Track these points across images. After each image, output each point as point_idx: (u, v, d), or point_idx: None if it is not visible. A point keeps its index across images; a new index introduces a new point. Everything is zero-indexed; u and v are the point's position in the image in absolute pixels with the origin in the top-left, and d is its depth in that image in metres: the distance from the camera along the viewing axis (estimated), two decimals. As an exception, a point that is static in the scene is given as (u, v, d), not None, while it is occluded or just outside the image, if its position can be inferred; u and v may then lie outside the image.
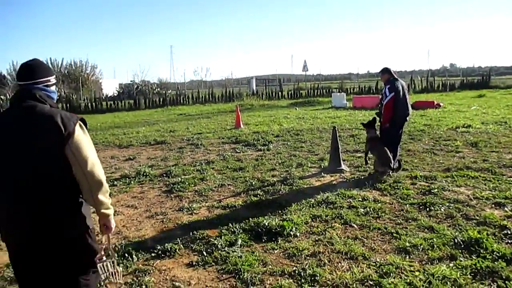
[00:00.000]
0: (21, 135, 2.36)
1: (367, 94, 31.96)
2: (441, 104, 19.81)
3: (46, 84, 2.57)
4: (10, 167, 2.37)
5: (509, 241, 4.34)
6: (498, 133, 11.17)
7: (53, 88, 2.65)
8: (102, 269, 2.77)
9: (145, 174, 8.14)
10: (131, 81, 44.37)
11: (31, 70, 2.54)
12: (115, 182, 7.71)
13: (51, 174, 2.39)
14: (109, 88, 43.93)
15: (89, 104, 31.94)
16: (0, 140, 2.39)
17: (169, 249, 4.49)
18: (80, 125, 2.49)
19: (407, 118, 7.63)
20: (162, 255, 4.43)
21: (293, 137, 12.09)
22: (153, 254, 4.44)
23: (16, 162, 2.36)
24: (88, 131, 2.57)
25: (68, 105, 31.13)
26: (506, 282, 3.52)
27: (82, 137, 2.45)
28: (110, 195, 2.60)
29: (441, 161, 8.21)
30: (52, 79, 2.64)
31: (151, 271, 4.07)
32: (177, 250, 4.49)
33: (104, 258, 2.81)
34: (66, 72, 52.08)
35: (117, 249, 4.45)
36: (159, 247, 4.54)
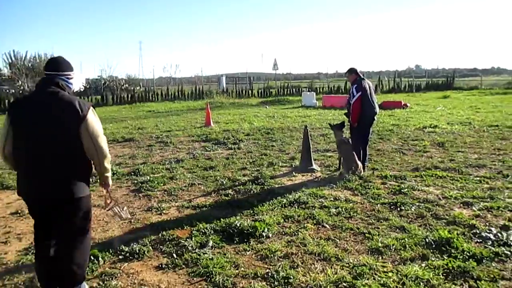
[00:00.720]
0: (46, 114, 3.00)
1: (336, 93, 32.34)
2: (408, 104, 20.22)
3: (67, 76, 3.22)
4: (37, 137, 3.00)
5: (479, 241, 4.39)
6: (464, 133, 11.45)
7: (71, 81, 3.25)
8: (114, 212, 3.87)
9: (112, 172, 7.87)
10: (98, 76, 43.17)
11: (57, 64, 3.21)
12: (81, 181, 7.42)
13: (67, 146, 3.05)
14: (75, 83, 42.51)
15: (54, 99, 30.91)
16: (31, 115, 3.01)
17: (137, 251, 4.32)
18: (92, 109, 3.16)
19: (375, 117, 7.70)
20: (130, 257, 4.25)
21: (264, 136, 12.04)
22: (120, 257, 4.26)
23: (42, 133, 2.99)
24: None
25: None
26: (477, 282, 3.55)
27: (94, 119, 3.14)
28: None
29: (409, 160, 8.32)
30: (72, 74, 3.28)
31: (118, 275, 3.89)
32: (145, 252, 4.32)
33: (111, 205, 3.75)
34: (30, 65, 50.27)
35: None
36: (126, 249, 4.36)
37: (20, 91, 33.85)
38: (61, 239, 3.17)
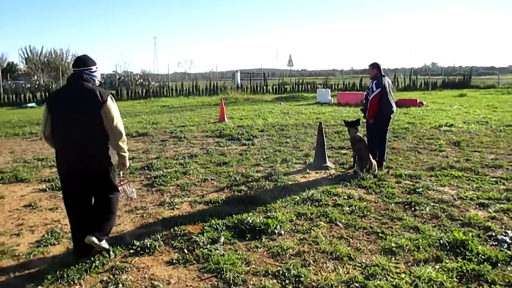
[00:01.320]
0: (75, 102, 3.86)
1: (351, 90, 32.12)
2: (424, 102, 19.97)
3: (90, 70, 4.04)
4: (69, 120, 3.84)
5: (494, 243, 4.30)
6: (480, 132, 11.26)
7: (94, 73, 4.08)
8: (124, 188, 4.63)
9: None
10: (113, 71, 43.45)
11: (82, 61, 4.06)
12: (94, 175, 7.47)
13: (92, 126, 3.86)
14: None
15: (70, 94, 31.26)
16: (63, 103, 3.89)
17: (148, 245, 4.33)
18: (111, 97, 3.98)
19: (391, 116, 7.60)
20: (141, 252, 4.26)
21: (278, 132, 12.00)
22: (131, 251, 4.27)
23: (72, 117, 3.84)
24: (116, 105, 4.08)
25: (47, 94, 30.37)
26: (492, 286, 3.47)
27: (112, 104, 3.94)
28: (126, 143, 4.14)
29: (425, 159, 8.21)
30: (94, 68, 4.09)
31: (129, 269, 3.90)
32: (157, 247, 4.33)
33: (123, 183, 4.58)
34: (45, 60, 50.85)
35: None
36: (138, 244, 4.37)
37: (36, 86, 34.23)
38: (97, 196, 4.10)
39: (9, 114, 21.48)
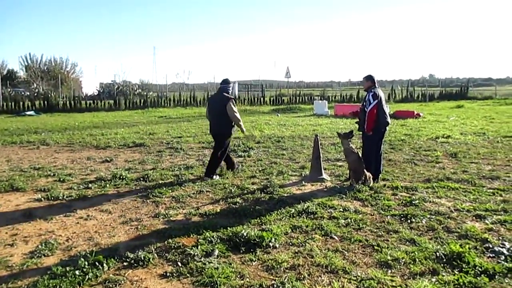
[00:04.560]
0: (217, 100, 8.03)
1: (348, 102, 32.24)
2: (421, 114, 20.03)
3: (227, 86, 8.09)
4: (214, 110, 8.04)
5: (491, 256, 4.27)
6: (477, 144, 11.28)
7: (229, 88, 8.08)
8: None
9: (121, 177, 7.90)
10: (112, 81, 43.64)
11: (225, 81, 8.16)
12: (90, 185, 7.43)
13: (223, 113, 7.80)
14: (89, 87, 43.52)
15: (68, 103, 31.35)
16: (213, 100, 8.34)
17: (142, 258, 4.27)
18: (232, 101, 7.88)
19: (387, 128, 7.59)
20: (135, 264, 4.20)
21: (274, 144, 11.99)
22: (125, 263, 4.22)
23: (216, 108, 7.98)
24: (235, 106, 8.12)
25: (46, 102, 30.37)
26: (489, 299, 3.43)
27: (231, 105, 7.81)
28: (239, 122, 7.99)
29: (421, 171, 8.20)
30: (230, 85, 8.16)
31: (122, 282, 3.84)
32: (150, 260, 4.27)
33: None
34: (45, 68, 51.07)
35: (87, 255, 4.24)
36: (132, 256, 4.31)
37: (35, 94, 34.28)
38: (217, 146, 7.95)
39: (7, 121, 21.49)
